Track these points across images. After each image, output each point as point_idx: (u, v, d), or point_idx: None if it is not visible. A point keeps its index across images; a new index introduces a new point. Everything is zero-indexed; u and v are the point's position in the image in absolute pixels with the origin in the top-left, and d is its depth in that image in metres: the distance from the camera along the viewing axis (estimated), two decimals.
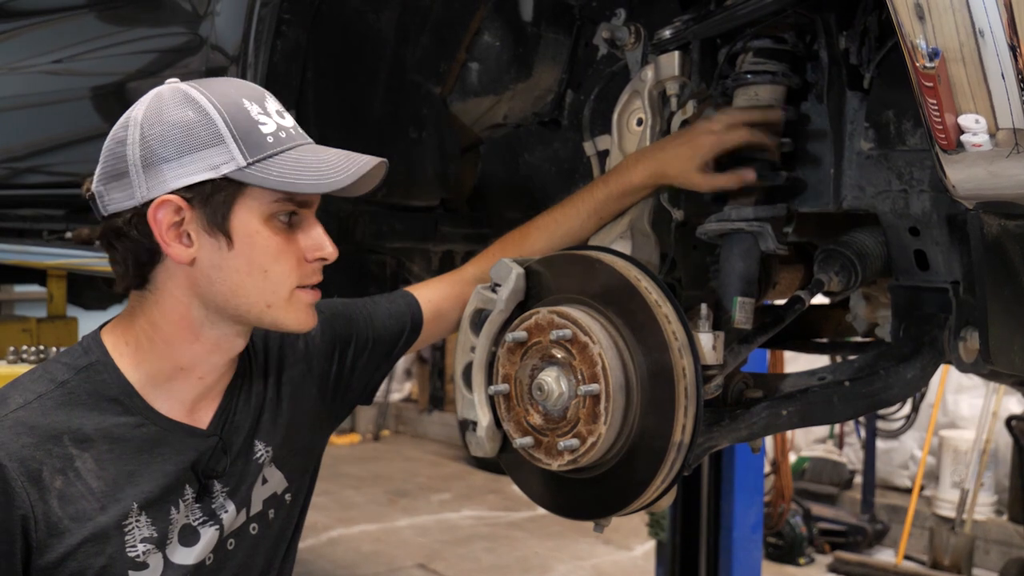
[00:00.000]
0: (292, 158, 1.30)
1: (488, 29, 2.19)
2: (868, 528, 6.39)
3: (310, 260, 1.36)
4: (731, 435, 1.64)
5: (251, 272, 1.32)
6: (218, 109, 1.29)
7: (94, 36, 2.65)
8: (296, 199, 1.32)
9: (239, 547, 1.45)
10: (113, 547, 1.29)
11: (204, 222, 1.30)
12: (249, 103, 1.31)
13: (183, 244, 1.30)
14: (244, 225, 1.31)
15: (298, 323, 1.38)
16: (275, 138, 1.30)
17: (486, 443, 1.67)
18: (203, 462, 1.40)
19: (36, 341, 4.93)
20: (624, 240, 1.73)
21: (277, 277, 1.33)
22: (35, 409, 1.29)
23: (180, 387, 1.38)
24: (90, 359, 1.35)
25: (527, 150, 2.30)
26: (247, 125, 1.29)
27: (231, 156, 1.27)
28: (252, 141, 1.28)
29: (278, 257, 1.33)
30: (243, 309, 1.34)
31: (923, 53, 1.12)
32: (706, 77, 1.72)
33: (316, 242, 1.36)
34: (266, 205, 1.31)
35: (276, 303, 1.34)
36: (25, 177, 3.20)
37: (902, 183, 1.55)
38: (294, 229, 1.35)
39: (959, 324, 1.54)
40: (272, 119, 1.32)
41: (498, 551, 6.50)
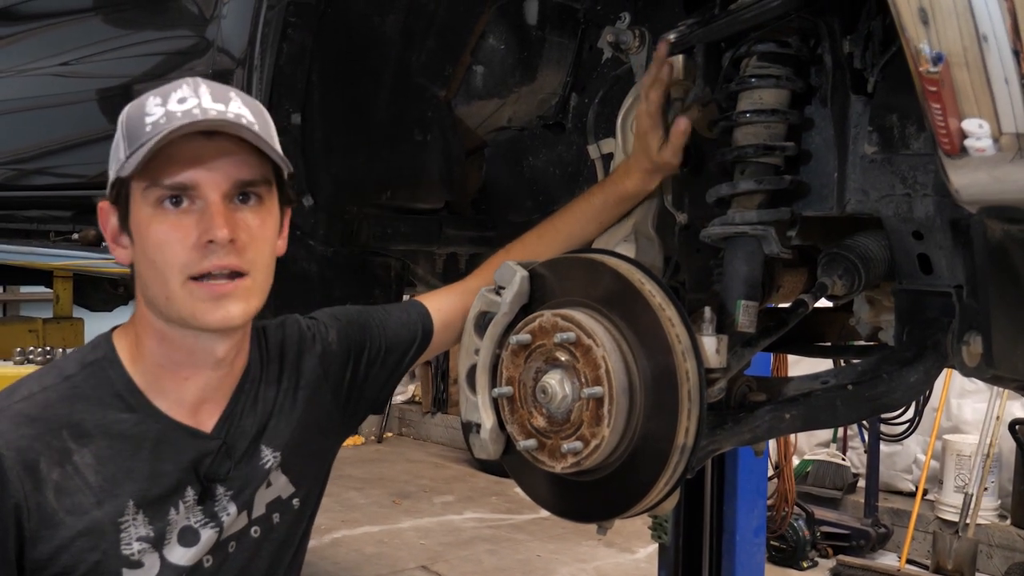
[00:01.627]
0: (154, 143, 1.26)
1: (492, 33, 2.20)
2: (871, 532, 6.37)
3: (200, 245, 1.29)
4: (734, 438, 1.64)
5: (147, 265, 1.31)
6: (126, 111, 1.33)
7: (101, 39, 2.66)
8: (164, 184, 1.28)
9: (240, 550, 1.45)
10: (107, 543, 1.30)
11: (121, 223, 1.34)
12: (154, 96, 1.31)
13: (122, 247, 1.35)
14: (136, 219, 1.31)
15: (196, 318, 1.31)
16: (153, 126, 1.27)
17: (490, 445, 1.68)
18: (205, 465, 1.40)
19: (42, 342, 4.95)
20: (628, 243, 1.73)
21: (163, 266, 1.29)
22: (38, 401, 1.31)
23: (172, 387, 1.38)
24: (97, 355, 1.37)
25: (531, 153, 2.31)
26: (136, 121, 1.30)
27: (118, 155, 1.31)
28: (134, 135, 1.29)
29: (161, 245, 1.29)
30: (156, 304, 1.33)
31: (927, 58, 1.12)
32: (710, 81, 1.72)
33: (206, 225, 1.28)
34: (143, 194, 1.29)
35: (172, 296, 1.30)
36: (32, 179, 3.21)
37: (906, 187, 1.55)
38: (188, 215, 1.29)
39: (962, 328, 1.53)
40: (165, 107, 1.29)
41: (501, 553, 6.50)
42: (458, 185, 2.31)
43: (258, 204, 1.35)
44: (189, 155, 1.28)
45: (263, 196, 1.36)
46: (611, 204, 1.73)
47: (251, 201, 1.34)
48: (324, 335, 1.62)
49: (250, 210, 1.33)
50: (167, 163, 1.27)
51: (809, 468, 7.16)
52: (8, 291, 9.60)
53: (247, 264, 1.32)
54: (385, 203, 2.19)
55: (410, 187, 2.22)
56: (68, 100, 2.81)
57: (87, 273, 4.54)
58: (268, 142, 1.32)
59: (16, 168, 3.18)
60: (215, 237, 1.28)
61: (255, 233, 1.33)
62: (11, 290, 9.61)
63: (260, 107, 1.38)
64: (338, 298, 2.03)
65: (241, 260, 1.31)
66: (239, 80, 1.97)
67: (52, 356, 3.64)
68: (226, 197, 1.30)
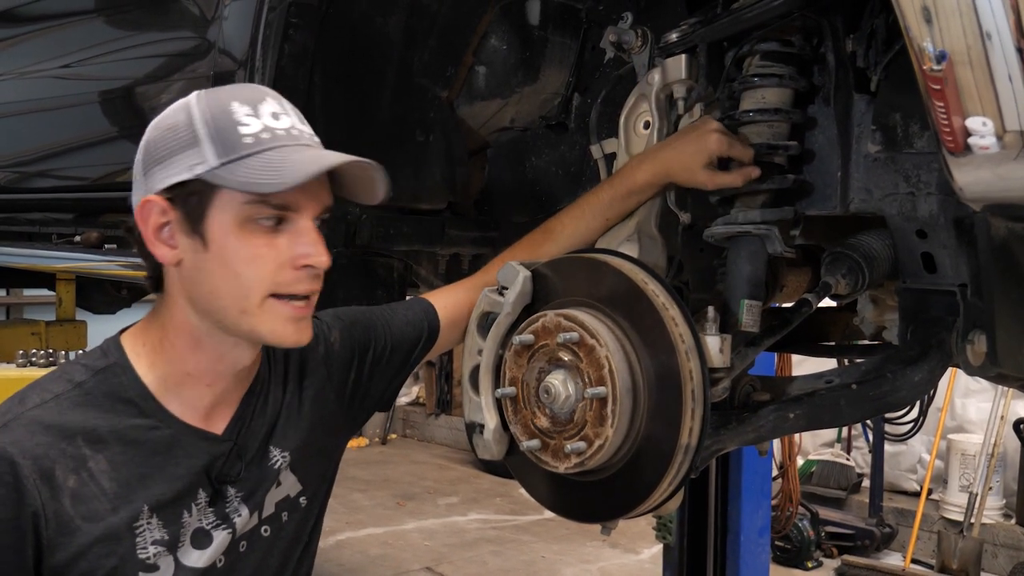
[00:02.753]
0: (265, 159, 1.26)
1: (495, 33, 2.20)
2: (876, 532, 6.36)
3: (296, 267, 1.31)
4: (738, 438, 1.64)
5: (224, 275, 1.30)
6: (202, 111, 1.29)
7: (103, 40, 2.66)
8: (272, 202, 1.28)
9: (251, 549, 1.45)
10: (124, 548, 1.30)
11: (183, 223, 1.30)
12: (240, 104, 1.30)
13: (168, 246, 1.32)
14: (218, 226, 1.29)
15: (275, 335, 1.33)
16: (255, 139, 1.27)
17: (493, 446, 1.67)
18: (217, 467, 1.40)
19: (45, 344, 4.96)
20: (631, 243, 1.73)
21: (249, 282, 1.29)
22: (51, 408, 1.30)
23: (191, 393, 1.38)
24: (108, 361, 1.36)
25: (534, 153, 2.31)
26: (227, 126, 1.28)
27: (203, 157, 1.27)
28: (228, 142, 1.27)
29: (251, 261, 1.29)
30: (220, 315, 1.32)
31: (930, 56, 1.12)
32: (713, 80, 1.71)
33: (304, 249, 1.31)
34: (238, 207, 1.28)
35: (249, 309, 1.31)
36: (34, 181, 3.21)
37: (909, 186, 1.55)
38: (280, 234, 1.30)
39: (967, 327, 1.53)
40: (260, 120, 1.29)
41: (505, 554, 6.49)
42: (461, 186, 2.30)
43: (324, 227, 1.38)
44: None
45: (327, 220, 1.40)
46: (619, 198, 1.72)
47: (322, 226, 1.37)
48: (327, 335, 1.62)
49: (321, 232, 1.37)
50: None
51: (813, 468, 7.15)
52: (11, 294, 9.62)
53: (320, 286, 1.37)
54: (387, 203, 2.18)
55: (412, 188, 2.21)
56: (70, 102, 2.81)
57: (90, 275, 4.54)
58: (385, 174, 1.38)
59: (18, 171, 3.18)
60: (319, 264, 1.32)
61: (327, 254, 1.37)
62: (14, 293, 9.63)
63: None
64: (341, 299, 2.03)
65: (320, 283, 1.36)
66: (240, 81, 1.97)
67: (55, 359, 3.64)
68: (314, 221, 1.34)
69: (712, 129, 1.62)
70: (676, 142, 1.68)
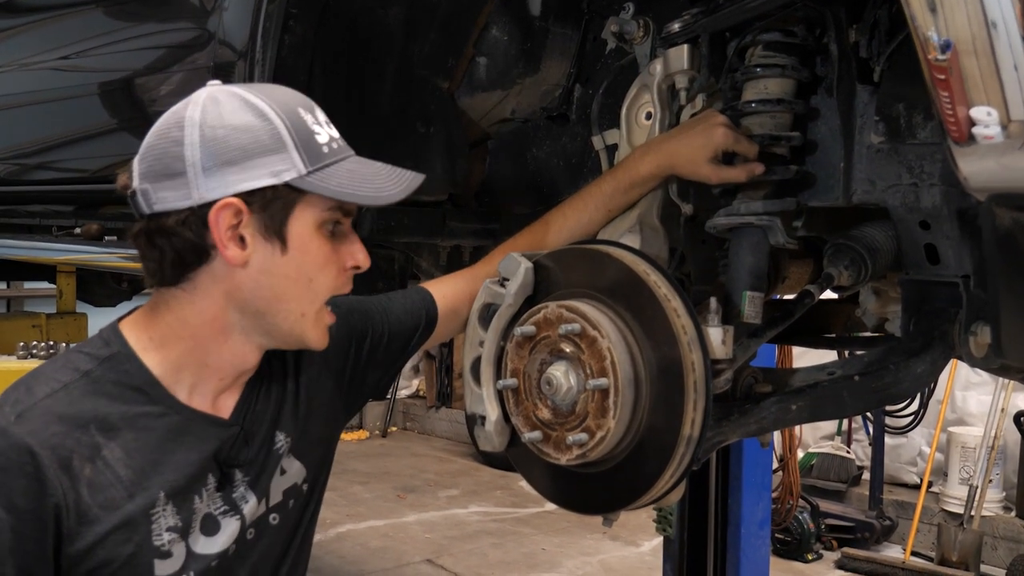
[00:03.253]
0: (346, 169, 1.33)
1: (496, 24, 2.19)
2: (876, 524, 6.37)
3: (346, 269, 1.39)
4: (740, 429, 1.63)
5: (298, 279, 1.35)
6: (279, 116, 1.30)
7: (102, 32, 2.65)
8: (344, 208, 1.35)
9: (259, 537, 1.46)
10: (140, 535, 1.30)
11: (261, 226, 1.31)
12: (305, 112, 1.34)
13: (238, 247, 1.32)
14: (300, 232, 1.33)
15: (317, 339, 1.41)
16: (329, 148, 1.33)
17: (494, 437, 1.67)
18: (225, 451, 1.41)
19: (46, 337, 4.96)
20: (633, 234, 1.72)
21: (319, 286, 1.37)
22: (62, 398, 1.30)
23: (201, 382, 1.40)
24: (112, 350, 1.36)
25: (535, 145, 2.30)
26: (306, 134, 1.31)
27: (293, 164, 1.29)
28: (312, 150, 1.31)
29: (324, 266, 1.36)
30: (280, 317, 1.36)
31: (935, 45, 1.11)
32: (715, 71, 1.71)
33: (354, 253, 1.39)
34: (320, 213, 1.33)
35: (310, 314, 1.38)
36: (34, 173, 3.21)
37: (912, 177, 1.54)
38: (336, 240, 1.37)
39: (970, 318, 1.53)
40: (324, 129, 1.35)
41: (505, 547, 6.50)
42: (462, 177, 2.30)
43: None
44: None
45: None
46: (622, 189, 1.72)
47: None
48: None
49: None
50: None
51: (814, 461, 7.15)
52: (12, 287, 9.61)
53: None
54: None
55: None
56: (69, 94, 2.81)
57: (90, 267, 4.53)
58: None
59: (18, 163, 3.18)
60: (364, 265, 1.40)
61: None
62: (15, 286, 9.62)
63: None
64: None
65: None
66: (241, 73, 1.97)
67: (55, 351, 3.64)
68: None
69: (718, 123, 1.62)
70: (681, 134, 1.67)
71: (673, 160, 1.66)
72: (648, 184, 1.71)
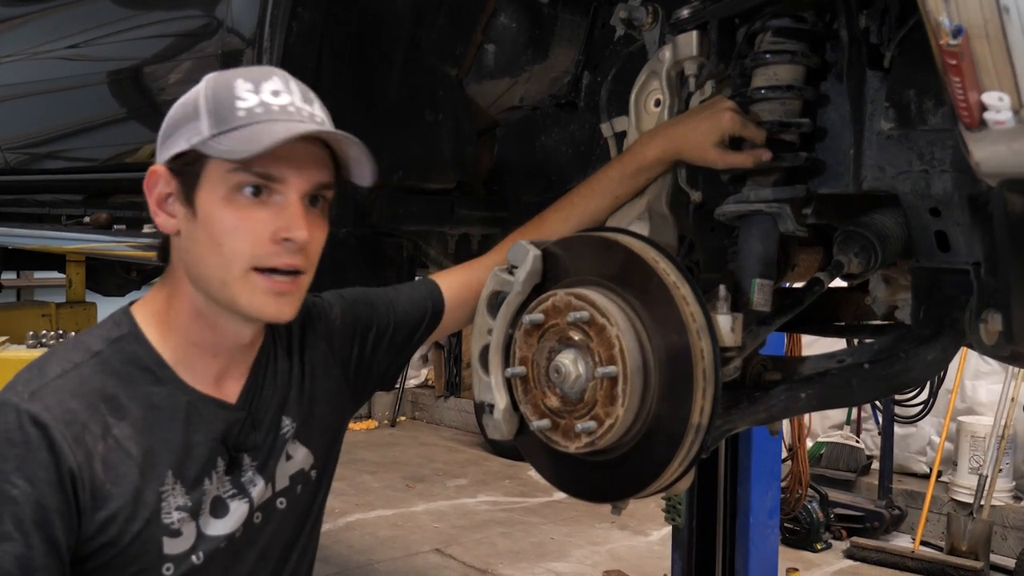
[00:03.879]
0: (251, 131, 1.29)
1: (504, 10, 2.18)
2: (885, 514, 6.36)
3: (275, 241, 1.32)
4: (749, 418, 1.63)
5: (209, 244, 1.33)
6: (207, 86, 1.33)
7: (111, 20, 2.65)
8: (254, 170, 1.30)
9: (267, 521, 1.48)
10: (149, 512, 1.32)
11: (180, 193, 1.34)
12: (244, 81, 1.33)
13: (168, 215, 1.36)
14: (207, 196, 1.32)
15: (253, 308, 1.34)
16: (248, 113, 1.30)
17: (503, 426, 1.67)
18: (233, 435, 1.43)
19: (55, 326, 4.97)
20: (642, 222, 1.72)
21: (230, 252, 1.31)
22: (73, 377, 1.32)
23: (199, 362, 1.41)
24: (122, 331, 1.39)
25: (544, 132, 2.29)
26: (225, 101, 1.31)
27: (199, 129, 1.31)
28: (222, 115, 1.30)
29: (232, 231, 1.31)
30: (205, 283, 1.35)
31: (947, 30, 1.10)
32: (724, 57, 1.70)
33: (284, 222, 1.32)
34: (224, 175, 1.31)
35: (230, 281, 1.33)
36: (44, 162, 3.22)
37: (923, 163, 1.53)
38: (264, 207, 1.32)
39: (980, 306, 1.52)
40: (259, 96, 1.31)
41: (514, 536, 6.51)
42: (470, 165, 2.30)
43: (324, 208, 1.40)
44: (283, 151, 1.30)
45: (328, 201, 1.41)
46: (629, 175, 1.71)
47: (319, 204, 1.39)
48: (328, 313, 1.64)
49: (317, 213, 1.38)
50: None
51: (823, 450, 7.15)
52: (22, 276, 9.65)
53: (308, 265, 1.37)
54: (396, 183, 2.18)
55: (421, 167, 2.21)
56: (78, 83, 2.81)
57: (99, 256, 4.55)
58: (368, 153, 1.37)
59: (28, 152, 3.18)
60: (295, 237, 1.32)
61: (318, 236, 1.38)
62: (25, 275, 9.66)
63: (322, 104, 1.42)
64: (350, 279, 2.03)
65: (305, 261, 1.36)
66: (249, 60, 1.96)
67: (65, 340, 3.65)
68: (304, 197, 1.35)
69: (726, 107, 1.61)
70: (688, 119, 1.67)
71: (679, 144, 1.66)
72: (655, 169, 1.70)
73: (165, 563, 1.34)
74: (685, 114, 1.71)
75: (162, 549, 1.34)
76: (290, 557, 1.53)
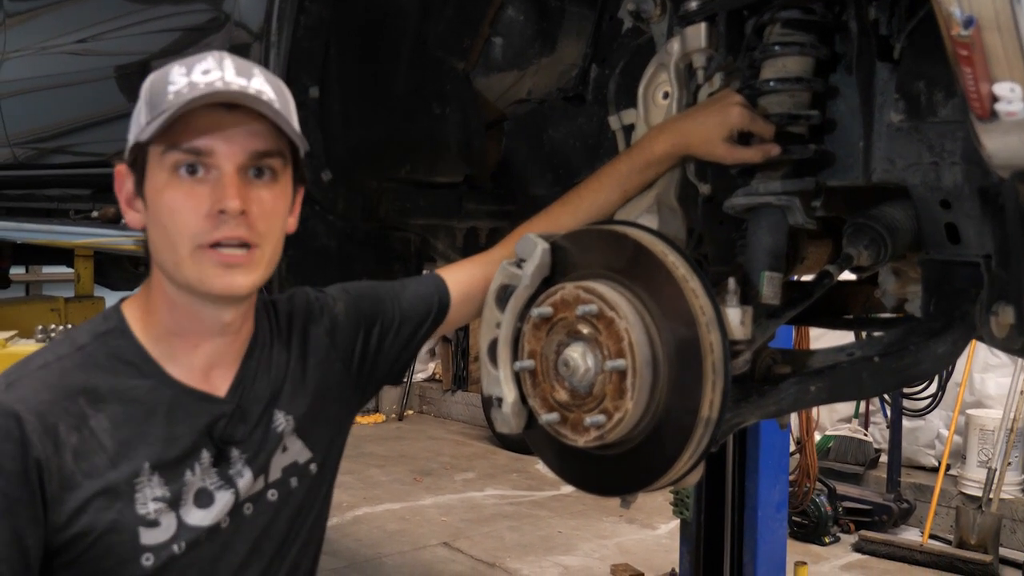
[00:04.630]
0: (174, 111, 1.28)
1: (512, 3, 2.18)
2: (893, 507, 6.36)
3: (212, 215, 1.31)
4: (759, 411, 1.62)
5: (159, 230, 1.34)
6: (149, 79, 1.35)
7: (119, 15, 2.65)
8: (182, 147, 1.30)
9: (257, 512, 1.47)
10: (122, 503, 1.33)
11: (135, 188, 1.37)
12: (179, 67, 1.34)
13: (135, 211, 1.38)
14: (152, 184, 1.34)
15: (204, 284, 1.34)
16: (176, 95, 1.30)
17: (512, 419, 1.67)
18: (220, 428, 1.43)
19: (64, 320, 4.98)
20: (651, 214, 1.71)
21: (175, 233, 1.32)
22: (54, 370, 1.34)
23: (183, 354, 1.41)
24: (109, 325, 1.41)
25: (551, 126, 2.29)
26: (159, 88, 1.32)
27: (139, 120, 1.34)
28: (154, 102, 1.32)
29: (173, 212, 1.32)
30: (166, 270, 1.36)
31: (958, 21, 1.10)
32: (733, 49, 1.69)
33: (217, 194, 1.31)
34: (160, 160, 1.32)
35: (179, 262, 1.33)
36: (52, 157, 3.22)
37: (933, 155, 1.52)
38: (202, 183, 1.32)
39: (991, 298, 1.51)
40: (188, 78, 1.32)
41: (522, 530, 6.52)
42: (477, 158, 2.29)
43: (272, 179, 1.38)
44: (208, 124, 1.31)
45: (277, 171, 1.38)
46: (637, 169, 1.71)
47: (265, 176, 1.37)
48: (331, 307, 1.64)
49: (264, 185, 1.36)
50: (185, 129, 1.30)
51: (831, 443, 7.15)
52: (31, 271, 9.68)
53: (257, 237, 1.35)
54: (404, 177, 2.18)
55: (429, 160, 2.21)
56: (86, 78, 2.81)
57: (107, 251, 4.55)
58: (287, 119, 1.35)
59: (36, 147, 3.19)
60: (226, 207, 1.31)
61: (267, 207, 1.36)
62: (33, 270, 9.70)
63: (281, 85, 1.40)
64: (357, 273, 2.03)
65: (251, 232, 1.34)
66: (256, 54, 1.96)
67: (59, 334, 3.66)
68: (241, 169, 1.33)
69: (735, 102, 1.60)
70: (697, 113, 1.66)
71: (688, 139, 1.65)
72: (663, 164, 1.70)
73: (144, 553, 1.34)
74: (693, 108, 1.70)
75: (138, 539, 1.34)
76: (288, 551, 1.53)
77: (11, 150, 3.20)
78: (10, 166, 3.26)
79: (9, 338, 3.54)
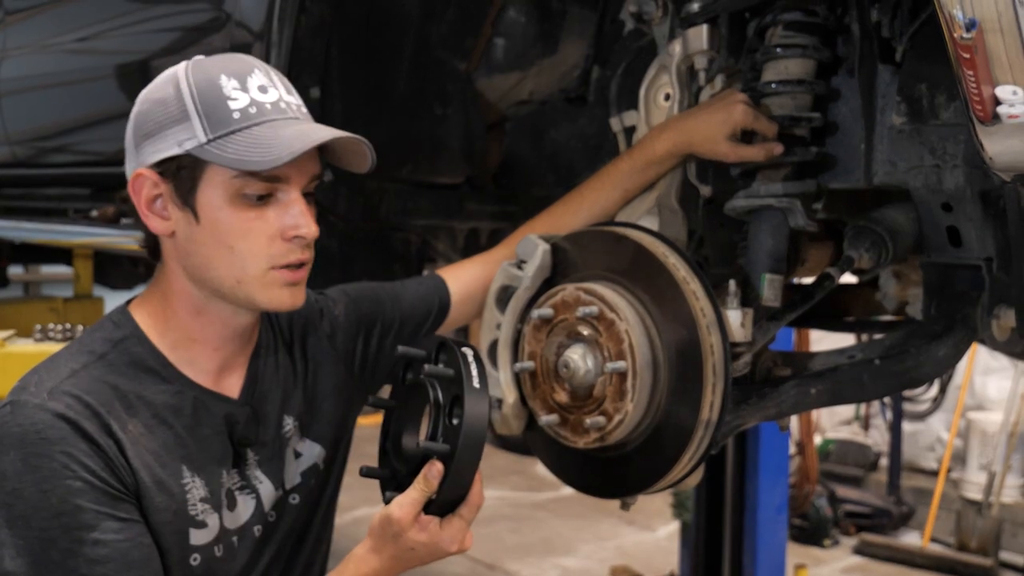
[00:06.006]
0: (254, 135, 1.28)
1: (513, 4, 2.17)
2: (894, 510, 6.36)
3: (286, 239, 1.33)
4: (759, 413, 1.62)
5: (217, 247, 1.32)
6: (190, 85, 1.31)
7: (119, 13, 2.65)
8: (261, 176, 1.30)
9: (281, 517, 1.48)
10: (177, 503, 1.33)
11: (175, 196, 1.33)
12: (227, 78, 1.31)
13: (161, 217, 1.34)
14: (209, 201, 1.31)
15: (273, 302, 1.36)
16: (243, 114, 1.29)
17: (511, 421, 1.67)
18: (237, 430, 1.43)
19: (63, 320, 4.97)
20: (651, 216, 1.71)
21: (244, 254, 1.32)
22: (84, 377, 1.32)
23: (200, 357, 1.41)
24: (123, 332, 1.38)
25: (553, 127, 2.29)
26: (215, 101, 1.29)
27: (193, 133, 1.29)
28: (216, 118, 1.28)
29: (244, 235, 1.31)
30: (216, 283, 1.35)
31: (960, 24, 1.10)
32: (735, 51, 1.69)
33: (293, 221, 1.32)
34: (228, 182, 1.30)
35: (246, 280, 1.33)
36: (51, 156, 3.21)
37: (935, 158, 1.52)
38: (268, 206, 1.32)
39: (992, 301, 1.51)
40: (248, 94, 1.30)
41: (522, 531, 6.51)
42: (479, 159, 2.29)
43: (314, 196, 1.40)
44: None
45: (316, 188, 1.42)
46: (638, 169, 1.71)
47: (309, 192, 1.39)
48: (331, 309, 1.64)
49: (310, 203, 1.39)
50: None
51: (831, 446, 7.14)
52: (29, 270, 9.67)
53: (312, 254, 1.39)
54: (405, 178, 2.18)
55: (430, 161, 2.20)
56: (86, 76, 2.81)
57: (107, 251, 4.55)
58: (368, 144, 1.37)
59: (35, 146, 3.18)
60: (307, 235, 1.33)
61: (315, 226, 1.38)
62: (32, 269, 9.68)
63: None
64: (358, 274, 2.02)
65: (312, 252, 1.38)
66: (257, 54, 1.95)
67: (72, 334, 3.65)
68: (302, 192, 1.35)
69: (738, 100, 1.61)
70: (700, 111, 1.66)
71: (691, 137, 1.65)
72: (665, 163, 1.70)
73: (192, 554, 1.35)
74: (696, 107, 1.70)
75: (189, 540, 1.35)
76: (303, 547, 1.54)
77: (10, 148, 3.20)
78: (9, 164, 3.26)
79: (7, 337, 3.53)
